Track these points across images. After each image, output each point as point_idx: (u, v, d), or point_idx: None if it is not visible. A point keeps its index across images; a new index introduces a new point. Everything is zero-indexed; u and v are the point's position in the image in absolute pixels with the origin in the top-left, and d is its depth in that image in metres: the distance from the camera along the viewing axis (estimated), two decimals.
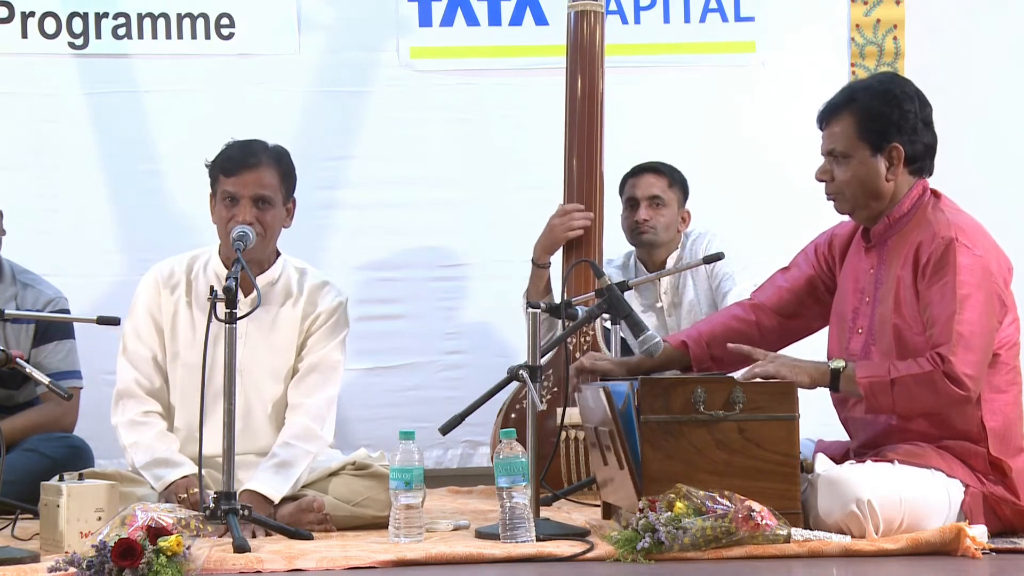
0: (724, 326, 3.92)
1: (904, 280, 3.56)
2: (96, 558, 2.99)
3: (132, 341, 4.01)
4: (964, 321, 3.42)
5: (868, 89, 3.68)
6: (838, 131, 3.65)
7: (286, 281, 4.03)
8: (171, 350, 4.00)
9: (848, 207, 3.69)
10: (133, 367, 3.98)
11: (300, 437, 3.89)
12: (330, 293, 4.07)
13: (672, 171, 5.09)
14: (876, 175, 3.62)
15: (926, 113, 3.64)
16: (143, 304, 4.02)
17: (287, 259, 4.09)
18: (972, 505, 3.48)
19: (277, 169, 3.94)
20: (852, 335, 3.68)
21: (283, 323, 3.99)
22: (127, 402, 3.96)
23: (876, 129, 3.60)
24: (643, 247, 5.08)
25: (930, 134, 3.65)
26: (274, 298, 4.01)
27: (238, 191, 3.89)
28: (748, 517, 3.23)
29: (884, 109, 3.60)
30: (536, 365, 3.63)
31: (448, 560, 3.25)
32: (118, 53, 5.40)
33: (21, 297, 4.57)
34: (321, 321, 4.03)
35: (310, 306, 4.03)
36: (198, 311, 3.97)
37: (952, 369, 3.39)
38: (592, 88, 4.94)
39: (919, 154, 3.63)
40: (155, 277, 4.04)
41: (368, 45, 5.55)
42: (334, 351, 4.03)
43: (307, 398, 3.97)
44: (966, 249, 3.48)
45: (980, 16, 5.71)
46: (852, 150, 3.63)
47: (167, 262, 4.09)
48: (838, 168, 3.66)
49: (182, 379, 3.98)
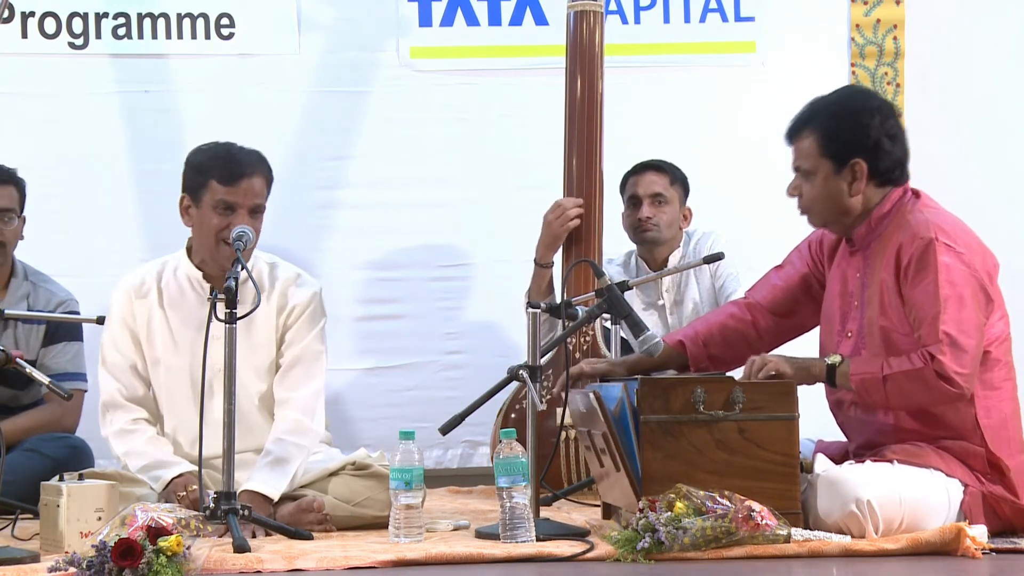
0: (720, 325, 3.92)
1: (887, 283, 3.56)
2: (96, 558, 2.99)
3: (110, 352, 4.02)
4: (949, 320, 3.42)
5: (828, 106, 3.68)
6: (803, 147, 3.67)
7: (257, 276, 4.00)
8: (150, 356, 4.00)
9: (819, 221, 3.72)
10: (114, 378, 4.00)
11: (291, 432, 3.89)
12: (303, 285, 4.05)
13: (673, 169, 5.10)
14: (840, 192, 3.63)
15: (889, 126, 3.62)
16: (117, 315, 4.02)
17: (257, 254, 4.06)
18: (971, 505, 3.48)
19: (265, 177, 3.95)
20: (841, 339, 3.68)
21: (258, 318, 3.95)
22: (114, 413, 3.98)
23: (837, 146, 3.61)
24: (646, 245, 5.08)
25: (898, 146, 3.63)
26: (246, 295, 4.00)
27: (236, 200, 3.88)
28: (748, 517, 3.23)
29: (844, 125, 3.61)
30: (536, 365, 3.63)
31: (448, 560, 3.25)
32: (118, 53, 5.40)
33: (33, 297, 4.60)
34: (297, 313, 4.01)
35: (282, 299, 4.02)
36: (172, 314, 3.98)
37: (943, 368, 3.39)
38: (592, 88, 4.94)
39: (886, 168, 3.61)
40: (125, 289, 4.04)
41: (368, 45, 5.55)
42: (314, 342, 4.01)
43: (293, 392, 3.96)
44: (947, 248, 3.48)
45: (980, 16, 5.71)
46: (816, 167, 3.64)
47: (136, 272, 4.10)
48: (806, 184, 3.68)
49: (166, 383, 3.99)
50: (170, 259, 4.09)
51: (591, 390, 3.53)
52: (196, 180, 3.94)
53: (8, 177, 4.55)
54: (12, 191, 4.55)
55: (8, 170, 4.57)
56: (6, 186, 4.53)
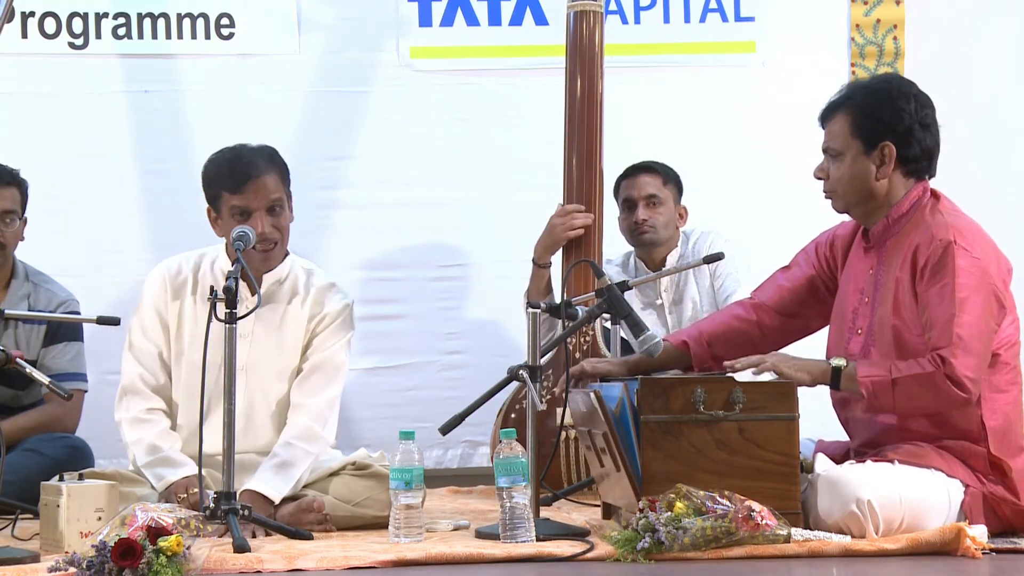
0: (725, 325, 3.92)
1: (903, 282, 3.56)
2: (96, 558, 2.99)
3: (138, 337, 4.00)
4: (963, 324, 3.42)
5: (865, 88, 3.70)
6: (835, 129, 3.67)
7: (293, 281, 4.03)
8: (176, 348, 4.00)
9: (842, 205, 3.71)
10: (138, 363, 3.98)
11: (301, 437, 3.89)
12: (337, 295, 4.07)
13: (665, 169, 5.10)
14: (866, 173, 3.62)
15: (924, 115, 3.63)
16: (149, 301, 4.01)
17: (295, 259, 4.09)
18: (972, 505, 3.48)
19: (277, 171, 3.95)
20: (851, 336, 3.68)
21: (290, 323, 3.99)
22: (131, 398, 3.96)
23: (869, 127, 3.61)
24: (644, 247, 5.08)
25: (929, 136, 3.64)
26: (281, 296, 4.02)
27: (249, 205, 3.88)
28: (748, 517, 3.23)
29: (878, 107, 3.61)
30: (536, 365, 3.63)
31: (448, 560, 3.25)
32: (118, 53, 5.40)
33: (34, 297, 4.60)
34: (327, 322, 4.03)
35: (317, 307, 4.03)
36: (204, 309, 3.97)
37: (953, 371, 3.39)
38: (592, 88, 4.94)
39: (914, 156, 3.62)
40: (162, 275, 4.04)
41: (368, 45, 5.55)
42: (339, 352, 4.02)
43: (310, 398, 3.96)
44: (964, 251, 3.48)
45: (980, 16, 5.71)
46: (845, 147, 3.64)
47: (174, 259, 4.09)
48: (833, 165, 3.67)
49: (186, 377, 3.98)
50: (209, 251, 4.08)
51: (592, 390, 3.53)
52: (211, 193, 3.97)
53: (11, 179, 4.55)
54: (14, 192, 4.55)
55: (11, 171, 4.57)
56: (8, 188, 4.53)
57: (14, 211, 4.54)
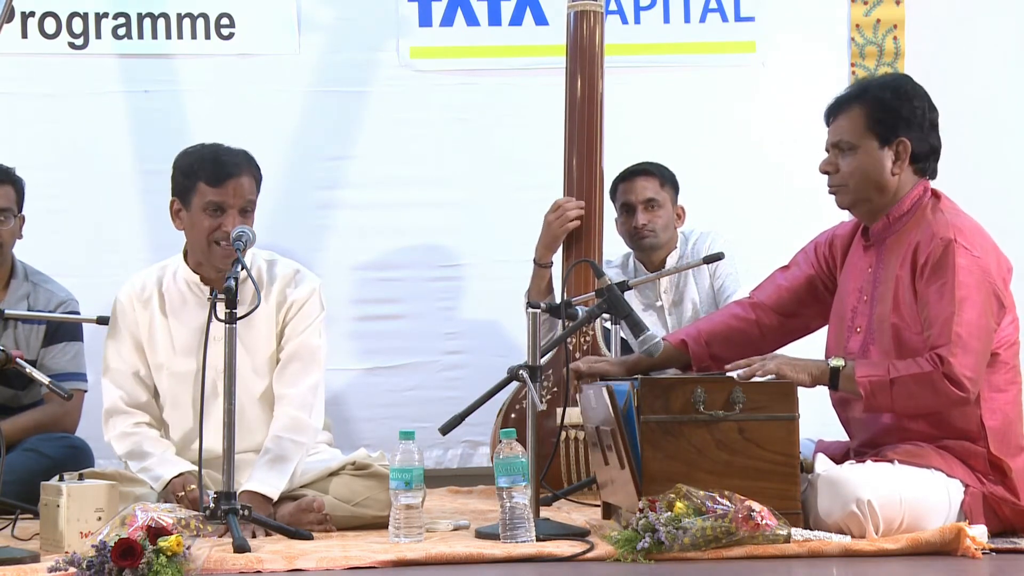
0: (724, 324, 3.92)
1: (903, 280, 3.56)
2: (96, 558, 2.99)
3: (113, 360, 4.03)
4: (963, 323, 3.42)
5: (880, 83, 3.72)
6: (846, 123, 3.66)
7: (256, 273, 4.00)
8: (153, 362, 4.01)
9: (850, 200, 3.69)
10: (116, 386, 4.01)
11: (289, 428, 3.89)
12: (303, 280, 4.05)
13: (662, 170, 5.08)
14: (881, 167, 3.62)
15: (934, 116, 3.67)
16: (120, 323, 4.03)
17: (255, 251, 4.05)
18: (972, 505, 3.48)
19: (254, 176, 3.96)
20: (851, 334, 3.68)
21: (257, 317, 3.92)
22: (116, 418, 4.00)
23: (885, 121, 3.62)
24: (644, 251, 5.07)
25: (936, 136, 3.67)
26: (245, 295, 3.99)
27: (226, 201, 3.88)
28: (748, 517, 3.23)
29: (895, 102, 3.62)
30: (536, 365, 3.63)
31: (448, 560, 3.25)
32: (118, 53, 5.40)
33: (33, 297, 4.60)
34: (296, 308, 4.01)
35: (282, 295, 4.01)
36: (174, 319, 3.99)
37: (952, 370, 3.39)
38: (592, 88, 4.94)
39: (924, 153, 3.64)
40: (128, 294, 4.05)
41: (368, 45, 5.54)
42: (312, 336, 4.01)
43: (291, 388, 3.96)
44: (964, 250, 3.48)
45: (980, 16, 5.71)
46: (859, 141, 3.64)
47: (137, 278, 4.10)
48: (843, 160, 3.66)
49: (170, 387, 4.00)
50: (169, 263, 4.09)
51: (604, 385, 3.53)
52: (184, 183, 3.95)
53: (4, 176, 4.55)
54: (9, 190, 4.55)
55: (5, 169, 4.57)
56: (3, 185, 4.53)
57: (9, 209, 4.54)
